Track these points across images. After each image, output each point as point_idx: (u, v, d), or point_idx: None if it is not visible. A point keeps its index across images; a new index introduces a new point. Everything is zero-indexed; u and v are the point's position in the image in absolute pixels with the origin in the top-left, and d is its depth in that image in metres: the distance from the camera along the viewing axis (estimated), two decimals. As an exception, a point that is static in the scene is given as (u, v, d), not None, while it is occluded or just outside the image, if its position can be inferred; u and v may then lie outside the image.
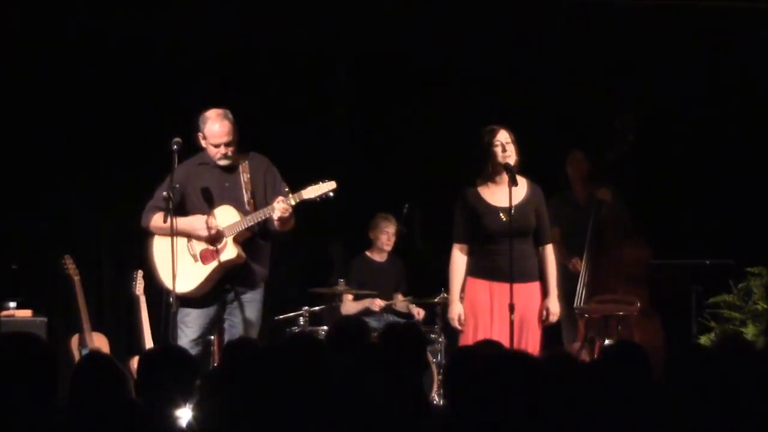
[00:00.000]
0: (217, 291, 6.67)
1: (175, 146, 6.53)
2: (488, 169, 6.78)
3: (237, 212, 6.61)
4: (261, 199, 6.67)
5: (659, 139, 8.55)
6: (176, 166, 6.53)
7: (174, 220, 6.43)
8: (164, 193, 6.48)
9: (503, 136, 6.74)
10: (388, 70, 8.91)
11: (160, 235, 6.68)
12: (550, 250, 6.90)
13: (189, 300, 6.62)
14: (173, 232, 6.43)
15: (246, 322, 6.67)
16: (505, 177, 6.71)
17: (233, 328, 6.68)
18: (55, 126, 8.38)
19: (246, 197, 6.66)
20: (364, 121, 9.01)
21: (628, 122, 7.67)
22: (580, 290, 7.58)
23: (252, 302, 6.72)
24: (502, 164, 6.70)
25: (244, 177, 6.68)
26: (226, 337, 6.74)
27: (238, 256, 6.61)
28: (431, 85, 8.88)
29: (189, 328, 6.61)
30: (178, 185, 6.53)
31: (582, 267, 7.64)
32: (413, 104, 8.90)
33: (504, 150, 6.73)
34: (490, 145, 6.73)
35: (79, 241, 8.36)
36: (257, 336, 6.65)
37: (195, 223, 6.62)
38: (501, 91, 8.68)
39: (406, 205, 8.50)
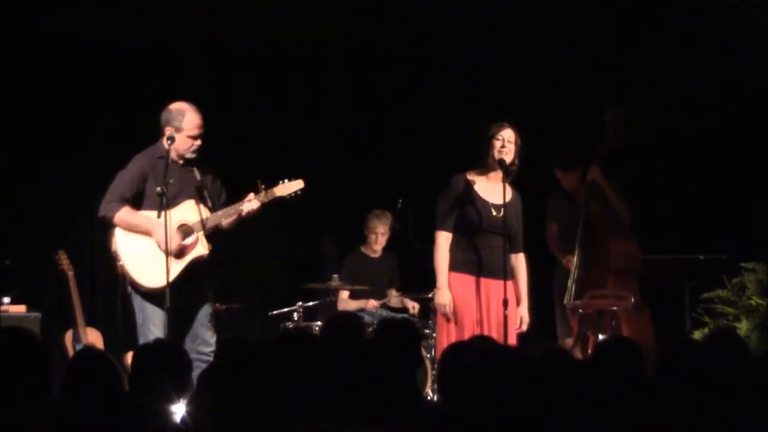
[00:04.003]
0: (182, 288, 6.55)
1: (169, 141, 6.52)
2: (484, 161, 6.79)
3: (201, 207, 6.59)
4: (213, 200, 6.68)
5: (652, 134, 8.55)
6: (170, 161, 6.52)
7: (166, 214, 6.41)
8: (158, 189, 6.43)
9: (507, 134, 6.75)
10: (381, 63, 8.90)
11: (124, 229, 6.60)
12: (522, 258, 6.92)
13: (156, 297, 6.54)
14: (167, 229, 6.41)
15: (207, 317, 6.65)
16: (499, 173, 6.73)
17: (196, 326, 6.63)
18: (48, 122, 8.37)
19: (205, 193, 6.66)
20: (358, 115, 9.01)
21: (616, 114, 7.67)
22: (570, 286, 7.60)
23: (211, 298, 6.72)
24: (497, 160, 6.71)
25: (197, 174, 6.67)
26: (189, 337, 6.64)
27: (208, 252, 6.60)
28: (426, 80, 8.87)
29: (156, 326, 6.56)
30: (171, 181, 6.50)
31: (573, 263, 7.66)
32: (407, 98, 8.90)
33: (503, 146, 6.74)
34: (493, 137, 6.75)
35: (73, 236, 8.35)
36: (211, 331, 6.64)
37: (157, 233, 6.54)
38: (498, 85, 8.67)
39: (400, 201, 8.50)
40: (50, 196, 8.43)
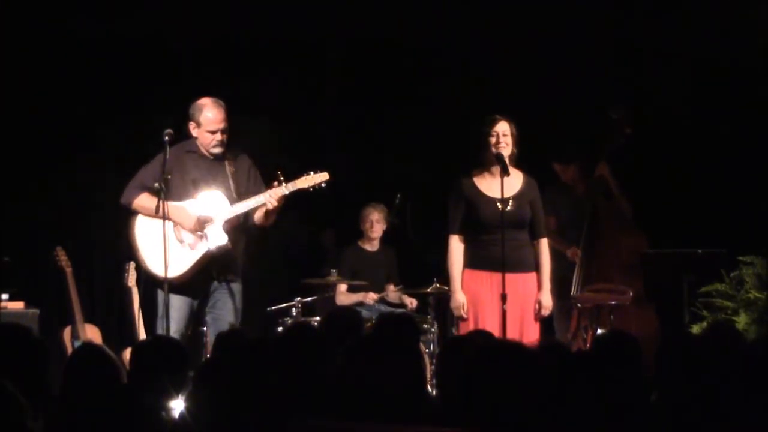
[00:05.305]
0: (202, 279, 6.65)
1: (167, 137, 6.54)
2: (484, 158, 6.78)
3: (226, 198, 6.64)
4: (243, 194, 6.70)
5: (651, 128, 8.54)
6: (167, 156, 6.53)
7: (165, 204, 6.45)
8: (156, 184, 6.49)
9: (502, 127, 6.75)
10: (380, 59, 8.89)
11: (144, 215, 6.71)
12: (545, 244, 6.91)
13: (174, 287, 6.59)
14: (165, 224, 6.43)
15: (230, 313, 6.67)
16: (498, 168, 6.72)
17: (218, 320, 6.67)
18: (47, 119, 8.36)
19: (233, 186, 6.69)
20: (356, 110, 9.00)
21: (621, 112, 7.69)
22: (577, 280, 7.59)
23: (236, 293, 6.73)
24: (494, 155, 6.71)
25: (230, 169, 6.71)
26: (211, 330, 6.71)
27: (227, 242, 6.62)
28: (424, 74, 8.86)
29: (172, 319, 6.58)
30: (170, 176, 6.54)
31: (578, 255, 7.65)
32: (406, 93, 8.89)
33: (499, 141, 6.74)
34: (487, 134, 6.75)
35: (71, 233, 8.35)
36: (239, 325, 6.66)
37: (184, 219, 6.61)
38: (496, 80, 8.66)
39: (398, 196, 8.50)
40: (48, 192, 8.42)
